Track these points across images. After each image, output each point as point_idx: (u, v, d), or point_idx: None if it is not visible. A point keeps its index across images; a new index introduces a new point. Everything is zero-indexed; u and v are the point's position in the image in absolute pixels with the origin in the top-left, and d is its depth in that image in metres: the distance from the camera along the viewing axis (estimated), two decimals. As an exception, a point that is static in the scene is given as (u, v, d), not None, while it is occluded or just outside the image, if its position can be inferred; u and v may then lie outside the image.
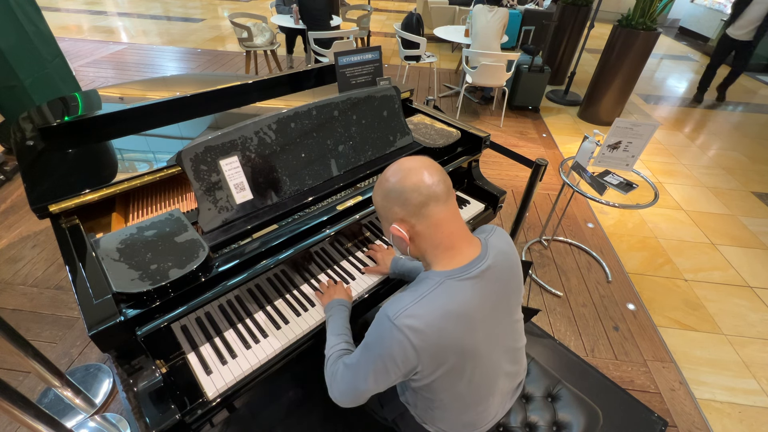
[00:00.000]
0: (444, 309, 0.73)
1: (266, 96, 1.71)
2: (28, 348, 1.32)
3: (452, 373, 0.78)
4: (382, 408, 1.11)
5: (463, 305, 0.75)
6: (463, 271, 0.76)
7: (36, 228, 2.44)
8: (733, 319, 2.17)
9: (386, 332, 0.72)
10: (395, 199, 0.77)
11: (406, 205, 0.76)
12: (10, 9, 2.65)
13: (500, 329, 0.84)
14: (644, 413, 1.22)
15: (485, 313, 0.79)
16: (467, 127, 1.63)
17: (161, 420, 0.85)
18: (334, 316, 1.02)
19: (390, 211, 0.79)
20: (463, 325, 0.75)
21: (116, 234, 0.95)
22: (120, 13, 7.94)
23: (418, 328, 0.71)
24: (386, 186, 0.79)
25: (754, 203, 3.21)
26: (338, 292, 1.12)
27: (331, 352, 0.91)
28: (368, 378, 0.78)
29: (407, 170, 0.77)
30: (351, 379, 0.81)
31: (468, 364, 0.79)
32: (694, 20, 8.40)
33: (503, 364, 0.89)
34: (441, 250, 0.78)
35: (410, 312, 0.71)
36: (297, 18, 4.29)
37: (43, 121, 1.41)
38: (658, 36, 3.80)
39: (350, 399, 0.84)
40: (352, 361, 0.82)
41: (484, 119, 4.33)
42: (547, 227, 2.62)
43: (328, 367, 0.89)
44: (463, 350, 0.76)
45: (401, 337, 0.71)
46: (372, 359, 0.76)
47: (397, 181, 0.77)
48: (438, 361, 0.75)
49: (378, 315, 0.76)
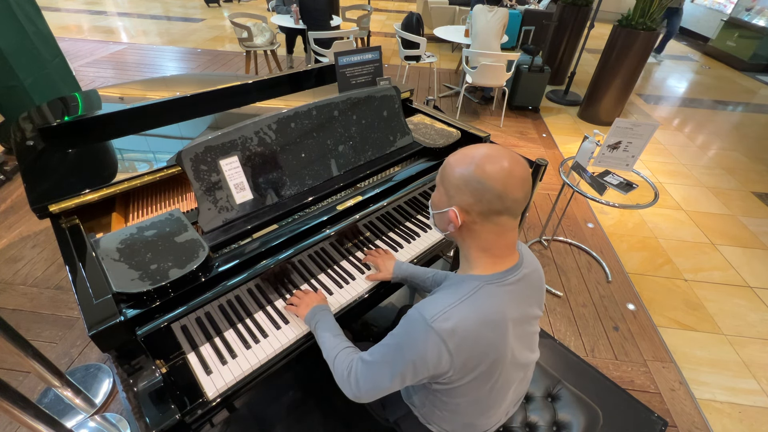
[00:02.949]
0: (483, 314, 0.71)
1: (266, 96, 1.71)
2: (28, 348, 1.32)
3: (479, 379, 0.76)
4: (384, 409, 1.10)
5: (500, 312, 0.73)
6: (501, 278, 0.75)
7: (36, 228, 2.44)
8: (733, 319, 2.17)
9: (421, 334, 0.70)
10: (475, 190, 0.69)
11: (482, 203, 0.70)
12: (10, 9, 2.65)
13: (523, 339, 0.84)
14: (644, 413, 1.22)
15: (516, 321, 0.77)
16: (467, 127, 1.63)
17: (161, 420, 0.85)
18: (323, 321, 0.99)
19: (461, 194, 0.72)
20: (499, 332, 0.73)
21: (116, 234, 0.95)
22: (120, 13, 7.94)
23: (457, 333, 0.69)
24: (474, 171, 0.69)
25: (754, 203, 3.21)
26: (314, 299, 1.07)
27: (336, 351, 0.89)
28: (394, 378, 0.75)
29: (504, 172, 0.68)
30: (372, 377, 0.79)
31: (497, 371, 0.77)
32: (694, 20, 8.40)
33: (519, 373, 0.88)
34: (488, 255, 0.76)
35: (448, 315, 0.69)
36: (297, 18, 4.29)
37: (43, 121, 1.41)
38: (658, 36, 3.80)
39: (370, 396, 0.81)
40: (375, 359, 0.79)
41: (484, 119, 4.33)
42: (547, 227, 2.62)
43: (336, 366, 0.86)
44: (496, 358, 0.75)
45: (437, 341, 0.68)
46: (402, 360, 0.73)
47: (489, 177, 0.68)
48: (470, 367, 0.73)
49: (411, 315, 0.73)
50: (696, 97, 5.45)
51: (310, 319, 1.02)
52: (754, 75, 6.45)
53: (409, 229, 1.45)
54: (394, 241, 1.39)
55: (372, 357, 0.80)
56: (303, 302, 1.07)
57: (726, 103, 5.29)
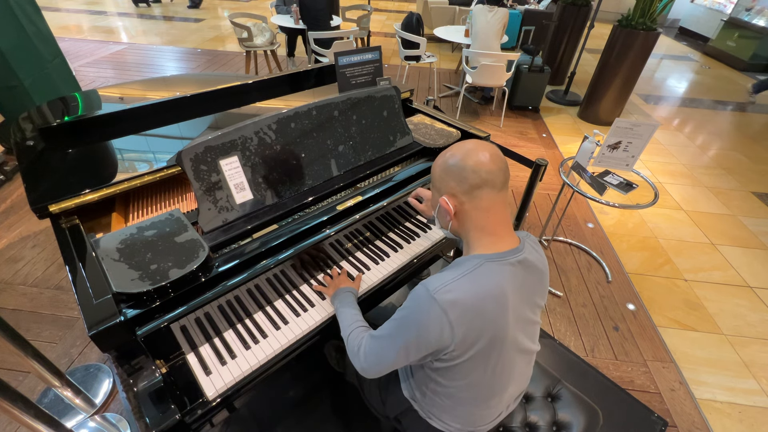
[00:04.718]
0: (484, 289, 0.75)
1: (266, 96, 1.71)
2: (28, 348, 1.32)
3: (479, 357, 0.79)
4: (384, 406, 1.10)
5: (500, 287, 0.77)
6: (501, 257, 0.79)
7: (36, 228, 2.44)
8: (733, 319, 2.17)
9: (424, 305, 0.75)
10: (454, 174, 0.80)
11: (462, 182, 0.79)
12: (10, 9, 2.65)
13: (524, 324, 0.86)
14: (644, 413, 1.22)
15: (516, 302, 0.80)
16: (467, 127, 1.63)
17: (161, 420, 0.85)
18: (345, 302, 1.05)
19: (445, 183, 0.82)
20: (499, 307, 0.77)
21: (116, 234, 0.95)
22: (120, 13, 7.93)
23: (458, 304, 0.73)
24: (449, 159, 0.82)
25: (754, 203, 3.21)
26: (344, 282, 1.15)
27: (350, 329, 0.95)
28: (398, 350, 0.80)
29: (474, 151, 0.80)
30: (378, 350, 0.84)
31: (495, 349, 0.80)
32: (694, 20, 8.40)
33: (519, 363, 0.90)
34: (484, 233, 0.81)
35: (450, 288, 0.74)
36: (297, 18, 4.29)
37: (43, 121, 1.41)
38: (658, 36, 3.80)
39: (375, 370, 0.86)
40: (382, 333, 0.85)
41: (484, 119, 4.33)
42: (547, 227, 2.62)
43: (350, 341, 0.93)
44: (495, 334, 0.78)
45: (439, 312, 0.73)
46: (406, 332, 0.78)
47: (461, 158, 0.80)
48: (470, 341, 0.76)
49: (416, 289, 0.78)
50: (696, 97, 5.45)
51: (334, 298, 1.09)
52: (754, 75, 6.44)
53: (409, 229, 1.45)
54: (393, 241, 1.39)
55: (380, 332, 0.86)
56: (333, 283, 1.15)
57: (726, 103, 5.29)
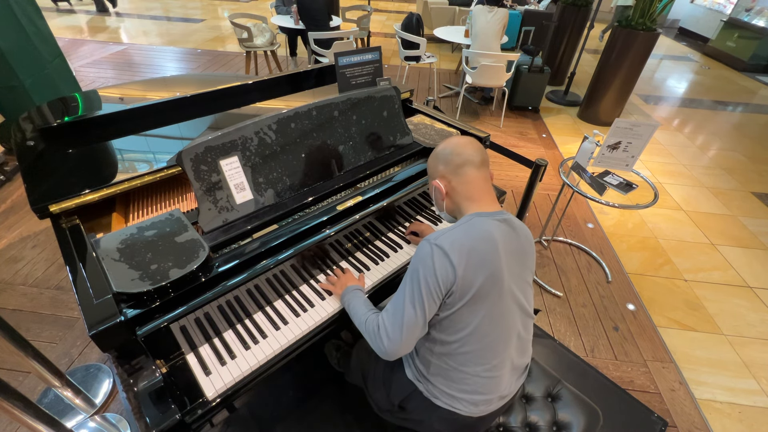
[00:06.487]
0: (474, 235, 0.89)
1: (266, 96, 1.71)
2: (28, 348, 1.32)
3: (479, 298, 0.88)
4: (389, 393, 1.10)
5: (489, 233, 0.90)
6: (489, 215, 0.94)
7: (36, 228, 2.44)
8: (732, 320, 2.17)
9: (426, 252, 0.88)
10: (441, 159, 1.00)
11: (448, 164, 0.98)
12: (10, 9, 2.66)
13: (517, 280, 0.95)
14: (644, 413, 1.22)
15: (507, 252, 0.91)
16: (467, 128, 1.63)
17: (161, 420, 0.85)
18: (355, 298, 1.07)
19: (435, 168, 1.02)
20: (491, 247, 0.89)
21: (116, 234, 0.95)
22: (120, 13, 7.94)
23: (455, 245, 0.86)
24: (437, 150, 1.03)
25: (754, 203, 3.21)
26: (350, 280, 1.16)
27: (365, 317, 0.99)
28: (415, 304, 0.88)
29: (454, 140, 1.02)
30: (397, 315, 0.90)
31: (495, 289, 0.89)
32: (693, 20, 8.41)
33: (517, 318, 0.96)
34: (471, 201, 0.98)
35: (447, 236, 0.89)
36: (297, 18, 4.29)
37: (44, 122, 1.41)
38: (657, 36, 3.80)
39: (398, 338, 0.89)
40: (395, 301, 0.93)
41: (484, 120, 4.33)
42: (547, 227, 2.63)
43: (367, 328, 0.97)
44: (492, 272, 0.88)
45: (440, 253, 0.86)
46: (417, 282, 0.88)
47: (445, 146, 1.01)
48: (470, 278, 0.86)
49: (419, 245, 0.92)
50: (696, 97, 5.46)
51: (343, 296, 1.12)
52: (754, 75, 6.45)
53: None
54: (393, 241, 1.39)
55: (392, 303, 0.94)
56: (339, 282, 1.17)
57: (726, 103, 5.29)
